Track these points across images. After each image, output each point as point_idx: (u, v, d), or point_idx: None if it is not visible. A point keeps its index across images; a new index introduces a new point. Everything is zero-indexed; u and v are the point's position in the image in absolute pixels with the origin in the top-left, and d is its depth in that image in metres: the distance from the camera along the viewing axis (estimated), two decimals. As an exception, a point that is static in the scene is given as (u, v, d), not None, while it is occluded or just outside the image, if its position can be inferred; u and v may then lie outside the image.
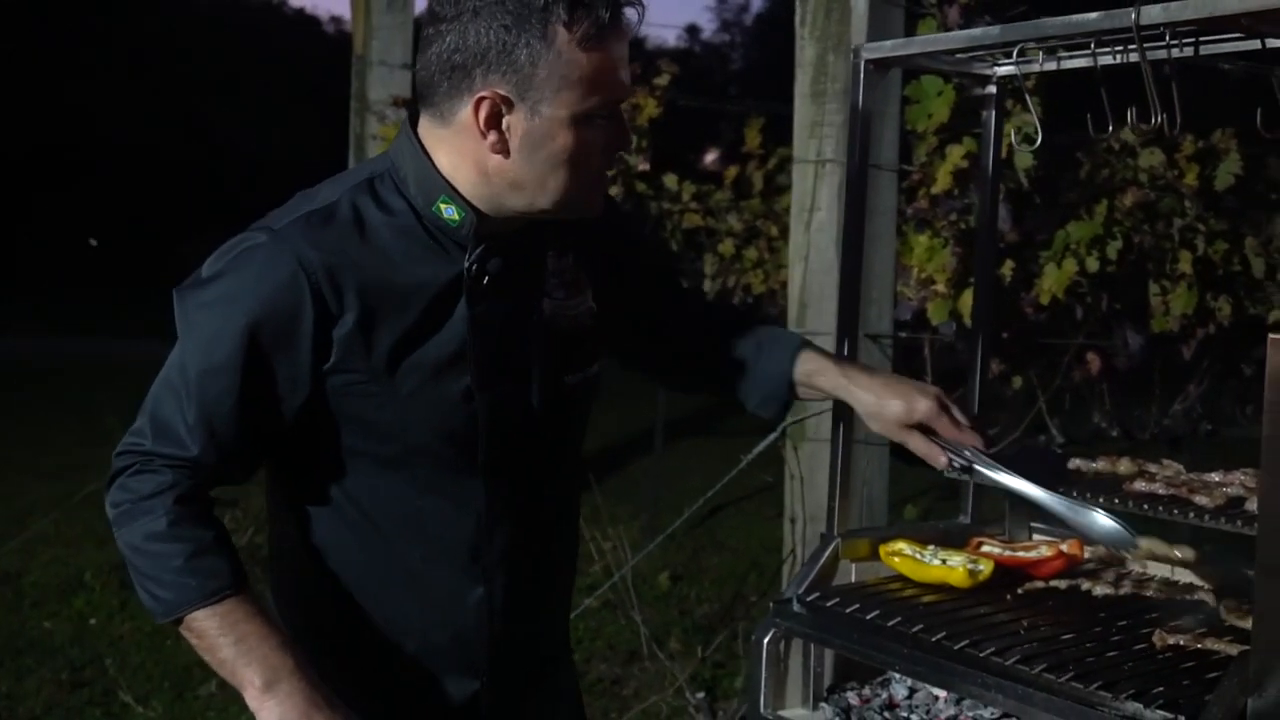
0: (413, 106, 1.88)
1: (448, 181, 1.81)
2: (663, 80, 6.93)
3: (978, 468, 2.05)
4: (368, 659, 1.93)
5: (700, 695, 4.17)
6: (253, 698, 1.75)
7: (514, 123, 1.75)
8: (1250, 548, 1.65)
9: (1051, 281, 3.81)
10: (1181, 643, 1.90)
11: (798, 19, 3.64)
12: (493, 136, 1.76)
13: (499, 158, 1.78)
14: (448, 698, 1.96)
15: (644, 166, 6.94)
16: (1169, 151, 4.17)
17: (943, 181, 3.69)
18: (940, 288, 3.75)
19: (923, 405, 2.05)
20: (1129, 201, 3.97)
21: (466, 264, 1.82)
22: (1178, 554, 2.18)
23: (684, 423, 10.04)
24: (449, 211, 1.82)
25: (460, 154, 1.80)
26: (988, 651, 1.88)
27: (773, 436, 3.79)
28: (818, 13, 3.57)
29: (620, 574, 4.25)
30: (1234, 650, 1.83)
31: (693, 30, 48.72)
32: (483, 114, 1.75)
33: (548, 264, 1.95)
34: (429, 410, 1.83)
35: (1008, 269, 3.78)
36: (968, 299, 3.75)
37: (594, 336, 2.00)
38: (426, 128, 1.84)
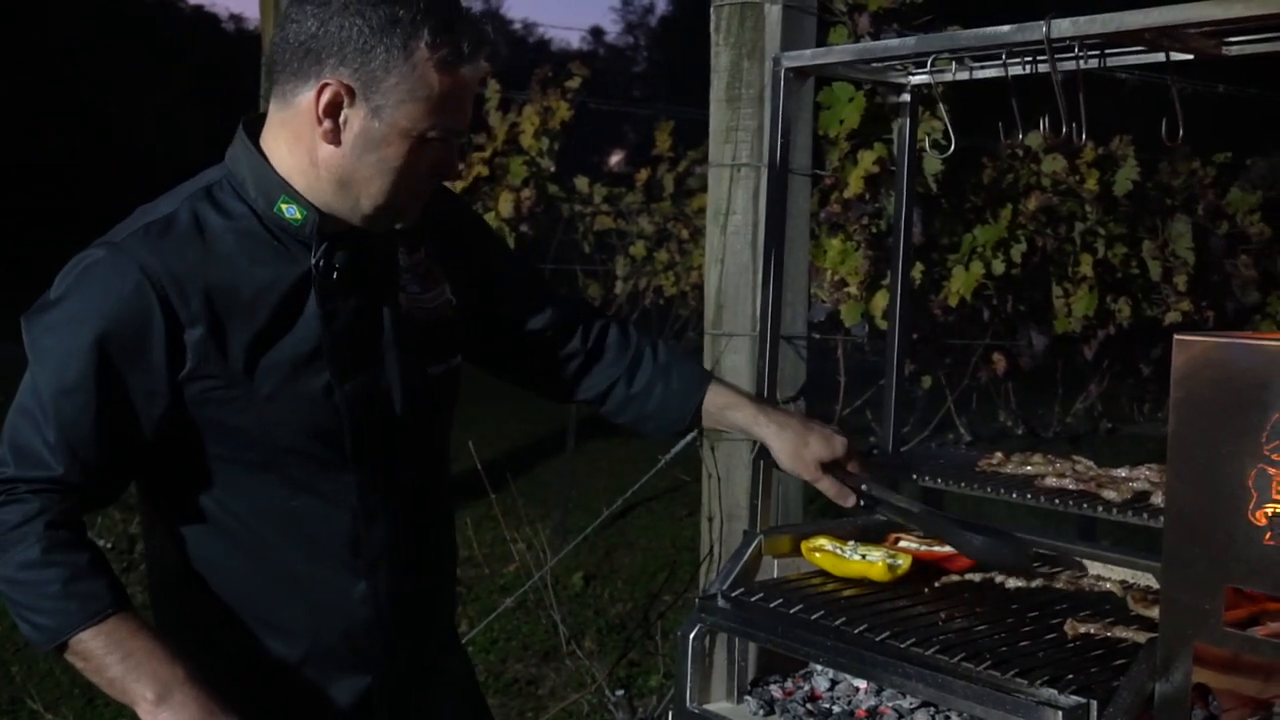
0: (249, 115, 1.91)
1: (285, 180, 1.84)
2: (574, 83, 6.97)
3: (886, 501, 2.23)
4: (257, 667, 1.93)
5: (620, 693, 4.21)
6: (146, 712, 1.74)
7: (352, 117, 1.79)
8: (1156, 540, 1.73)
9: (959, 284, 3.91)
10: (1091, 631, 1.98)
11: (712, 25, 3.68)
12: (327, 124, 1.79)
13: (330, 147, 1.80)
14: (340, 696, 1.97)
15: (551, 168, 7.00)
16: (1070, 158, 4.29)
17: (855, 186, 3.76)
18: (853, 290, 3.83)
19: (840, 444, 2.19)
20: (1032, 206, 4.09)
21: (313, 261, 1.84)
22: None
23: (590, 424, 10.06)
24: (290, 211, 1.84)
25: (296, 140, 1.83)
26: (908, 643, 1.94)
27: (690, 437, 3.84)
28: (732, 20, 3.62)
29: (540, 574, 4.27)
30: (1141, 638, 1.91)
31: (597, 32, 48.79)
32: (324, 99, 1.78)
33: (400, 260, 1.98)
34: (291, 409, 1.84)
35: (917, 272, 3.87)
36: (880, 301, 3.83)
37: (454, 328, 2.04)
38: (272, 113, 1.86)
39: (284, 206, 1.84)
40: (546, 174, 6.98)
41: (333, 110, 1.78)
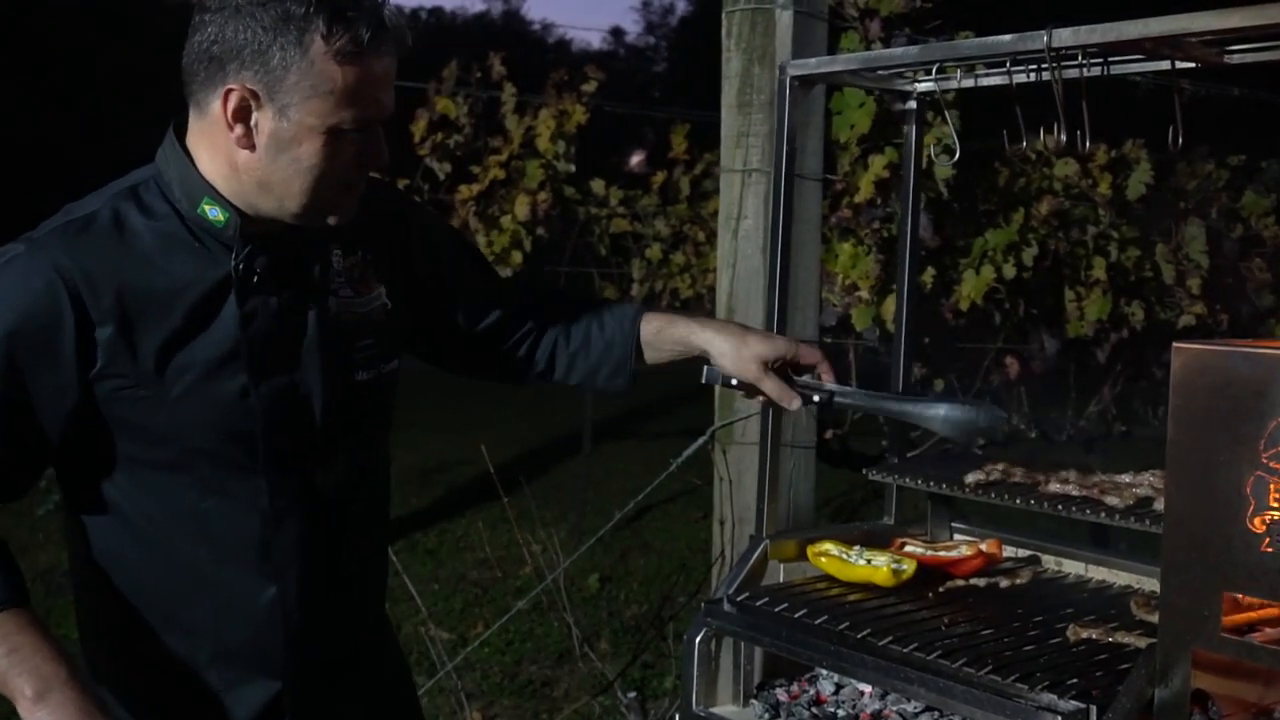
0: (179, 115, 1.90)
1: (209, 183, 1.84)
2: (590, 87, 6.99)
3: (838, 398, 2.11)
4: (166, 665, 1.92)
5: (632, 695, 4.23)
6: (24, 709, 1.73)
7: (261, 120, 1.78)
8: (1158, 546, 1.74)
9: (970, 288, 3.91)
10: (1094, 636, 1.99)
11: (724, 31, 3.70)
12: (239, 129, 1.78)
13: (246, 153, 1.80)
14: (250, 699, 1.95)
15: (571, 168, 7.02)
16: (1082, 162, 4.29)
17: (865, 191, 3.77)
18: (864, 294, 3.84)
19: (782, 343, 2.13)
20: (1044, 210, 4.09)
21: (234, 263, 1.84)
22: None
23: (607, 425, 10.09)
24: (213, 213, 1.84)
25: (215, 147, 1.83)
26: (911, 647, 1.96)
27: (702, 440, 3.85)
28: (743, 25, 3.63)
29: (553, 576, 4.29)
30: (1143, 643, 1.92)
31: (617, 33, 48.77)
32: (230, 105, 1.77)
33: (333, 262, 1.97)
34: (204, 410, 1.83)
35: (928, 276, 3.88)
36: (891, 305, 3.84)
37: (388, 333, 2.03)
38: (191, 121, 1.86)
39: (207, 208, 1.84)
40: (562, 177, 7.01)
41: (241, 115, 1.78)
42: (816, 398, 2.09)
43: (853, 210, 3.82)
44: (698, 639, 2.24)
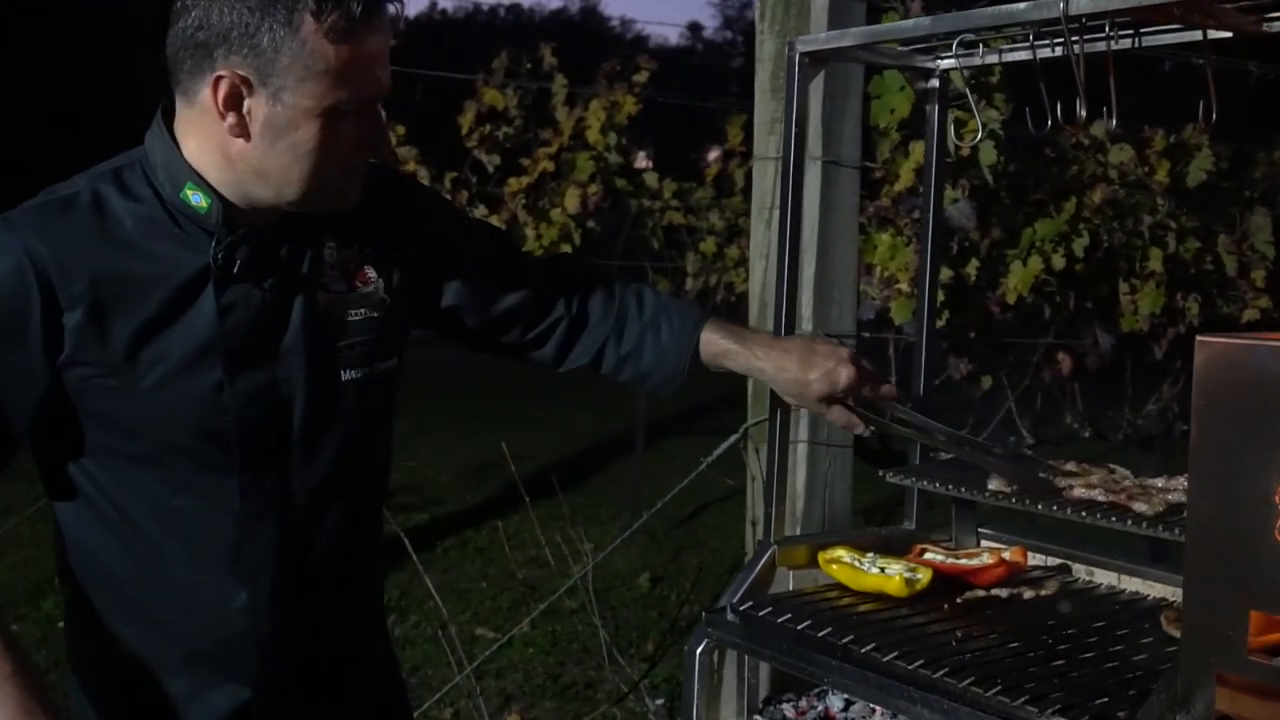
0: (169, 97, 1.82)
1: (194, 169, 1.76)
2: (641, 77, 6.88)
3: (898, 419, 2.14)
4: (137, 664, 1.88)
5: (659, 702, 4.11)
6: None
7: (255, 106, 1.70)
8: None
9: (1017, 280, 3.74)
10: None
11: (757, 14, 3.57)
12: (231, 118, 1.70)
13: (240, 141, 1.72)
14: (218, 705, 1.90)
15: (632, 161, 6.93)
16: (1139, 148, 4.10)
17: (905, 179, 3.62)
18: (903, 286, 3.68)
19: (844, 376, 2.05)
20: (1097, 198, 3.90)
21: (213, 253, 1.76)
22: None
23: (667, 421, 9.99)
24: (196, 199, 1.76)
25: (205, 136, 1.75)
26: (916, 664, 1.82)
27: (733, 439, 3.73)
28: (777, 8, 3.50)
29: (577, 577, 4.18)
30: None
31: (694, 28, 48.60)
32: (221, 93, 1.69)
33: (325, 255, 1.87)
34: (176, 404, 1.77)
35: (971, 268, 3.72)
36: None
37: (386, 329, 1.92)
38: (178, 109, 1.78)
39: (190, 193, 1.76)
40: (613, 169, 6.90)
41: (233, 103, 1.70)
42: (885, 422, 2.13)
43: (892, 199, 3.66)
44: (699, 650, 2.12)
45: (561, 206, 6.76)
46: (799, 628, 2.00)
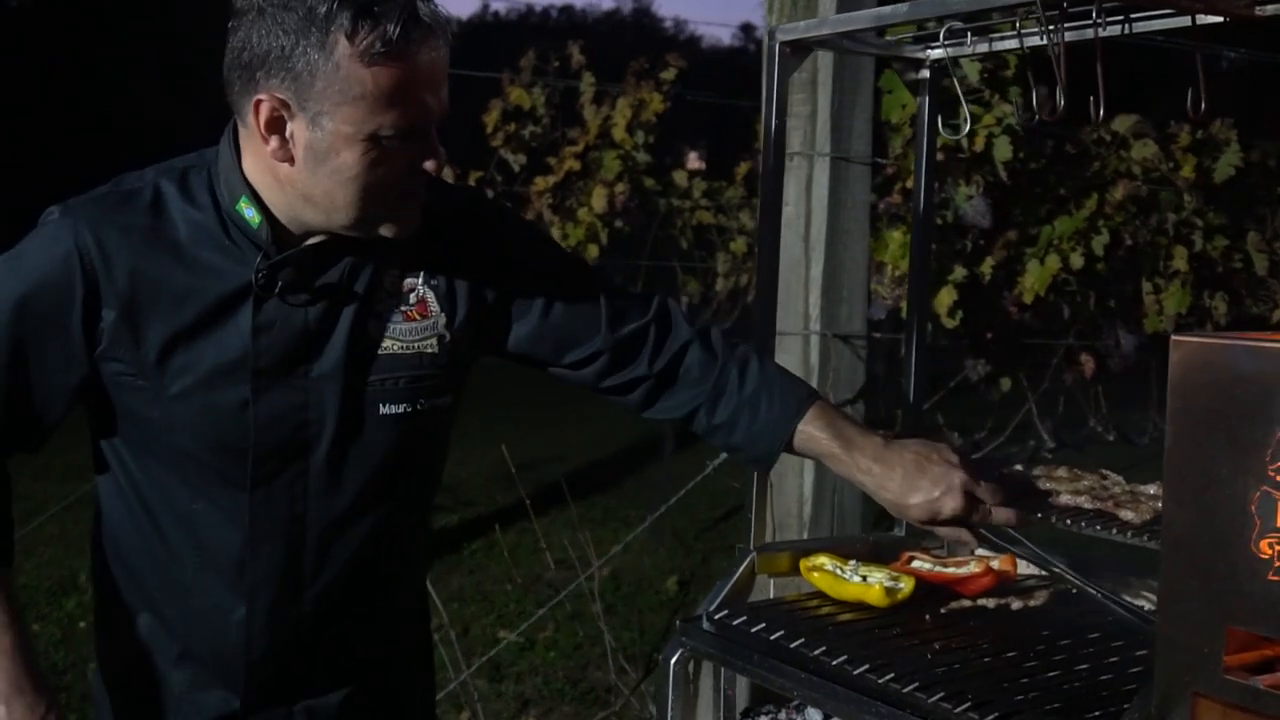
0: None
1: (250, 184, 1.74)
2: (669, 75, 6.80)
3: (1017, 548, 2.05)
4: (140, 649, 1.90)
5: (654, 709, 4.04)
6: None
7: (296, 130, 1.66)
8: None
9: (1034, 279, 3.64)
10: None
11: (765, 6, 3.50)
12: (274, 142, 1.66)
13: (286, 166, 1.68)
14: (209, 708, 1.90)
15: (684, 162, 6.87)
16: (1164, 143, 3.99)
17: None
18: (915, 285, 3.59)
19: (948, 508, 1.89)
20: (1119, 195, 3.79)
21: (255, 268, 1.73)
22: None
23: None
24: (249, 212, 1.73)
25: (257, 156, 1.72)
26: (887, 678, 1.74)
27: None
28: (785, 1, 3.43)
29: (579, 580, 4.12)
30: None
31: (747, 29, 48.35)
32: (262, 117, 1.65)
33: (384, 284, 1.81)
34: (200, 415, 1.76)
35: (987, 267, 3.62)
36: (945, 297, 3.60)
37: (437, 368, 1.85)
38: (239, 127, 1.75)
39: (244, 206, 1.74)
40: (641, 168, 6.83)
41: (275, 126, 1.66)
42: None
43: (903, 196, 3.58)
44: (673, 660, 2.05)
45: (588, 206, 6.70)
46: (772, 638, 1.92)
